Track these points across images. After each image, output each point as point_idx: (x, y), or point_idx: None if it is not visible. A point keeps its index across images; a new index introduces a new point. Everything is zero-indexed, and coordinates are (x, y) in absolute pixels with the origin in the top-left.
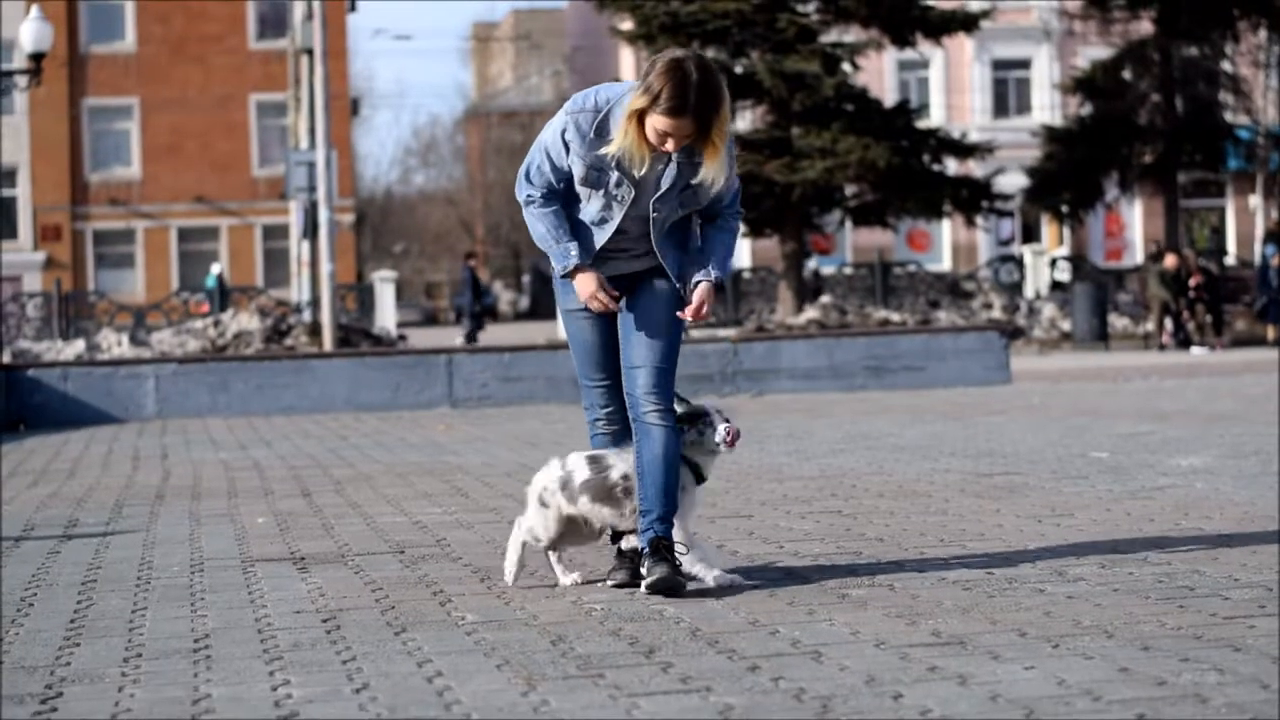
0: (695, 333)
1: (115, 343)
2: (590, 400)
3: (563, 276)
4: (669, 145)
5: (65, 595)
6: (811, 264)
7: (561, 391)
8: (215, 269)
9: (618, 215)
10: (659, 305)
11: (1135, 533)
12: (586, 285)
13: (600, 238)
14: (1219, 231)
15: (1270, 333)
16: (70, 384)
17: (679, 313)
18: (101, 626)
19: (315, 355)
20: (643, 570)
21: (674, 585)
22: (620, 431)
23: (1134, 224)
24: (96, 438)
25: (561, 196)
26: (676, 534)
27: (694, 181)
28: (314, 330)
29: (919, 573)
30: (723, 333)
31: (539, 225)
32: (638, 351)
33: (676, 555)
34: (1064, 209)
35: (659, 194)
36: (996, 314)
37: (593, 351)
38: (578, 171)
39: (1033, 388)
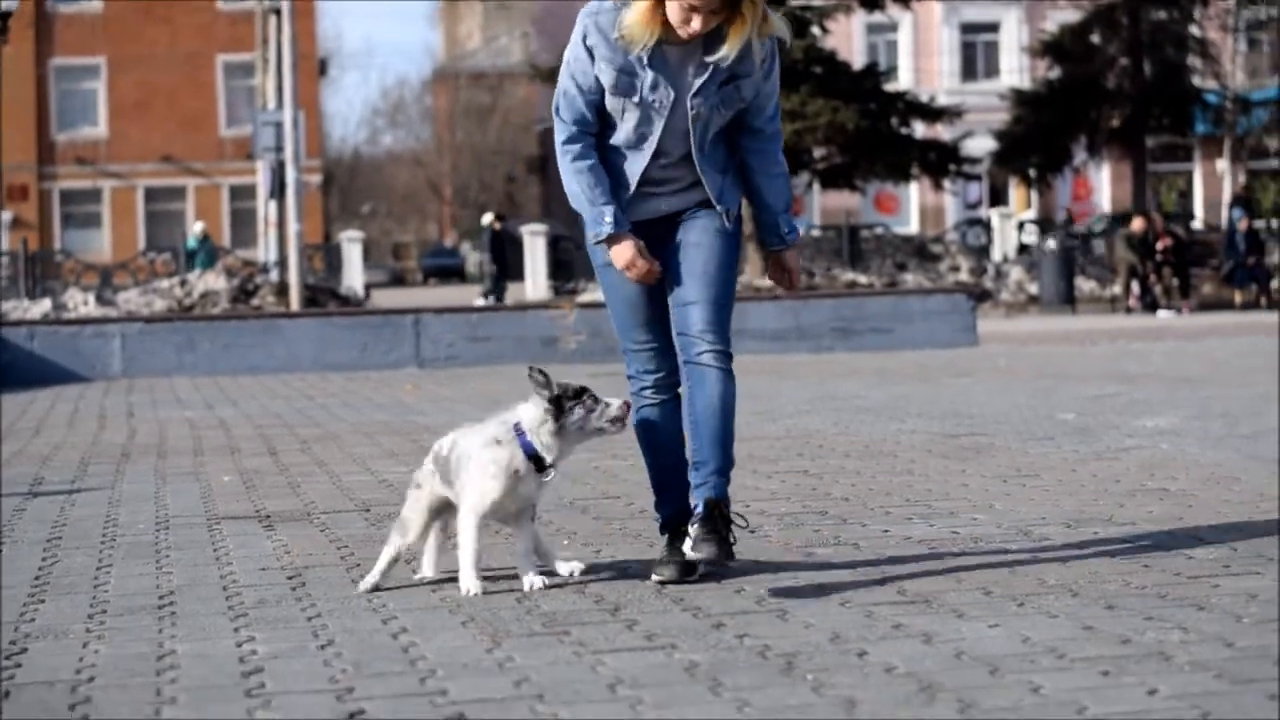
0: None
1: (81, 302)
2: (636, 366)
3: (595, 244)
4: (694, 25)
5: (30, 552)
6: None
7: (529, 352)
8: (198, 227)
9: (658, 128)
10: (708, 237)
11: (1100, 493)
12: (623, 254)
13: (639, 163)
14: (1186, 195)
15: (1237, 297)
16: (36, 343)
17: (780, 286)
18: (66, 583)
19: (282, 315)
20: (690, 532)
21: (722, 563)
22: (670, 403)
23: (1102, 188)
24: (62, 396)
25: (595, 137)
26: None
27: (736, 71)
28: (281, 290)
29: (884, 532)
30: None
31: (572, 183)
32: (689, 287)
33: (733, 523)
34: (1032, 172)
35: (696, 89)
36: (964, 277)
37: (638, 308)
38: (607, 79)
39: (999, 350)
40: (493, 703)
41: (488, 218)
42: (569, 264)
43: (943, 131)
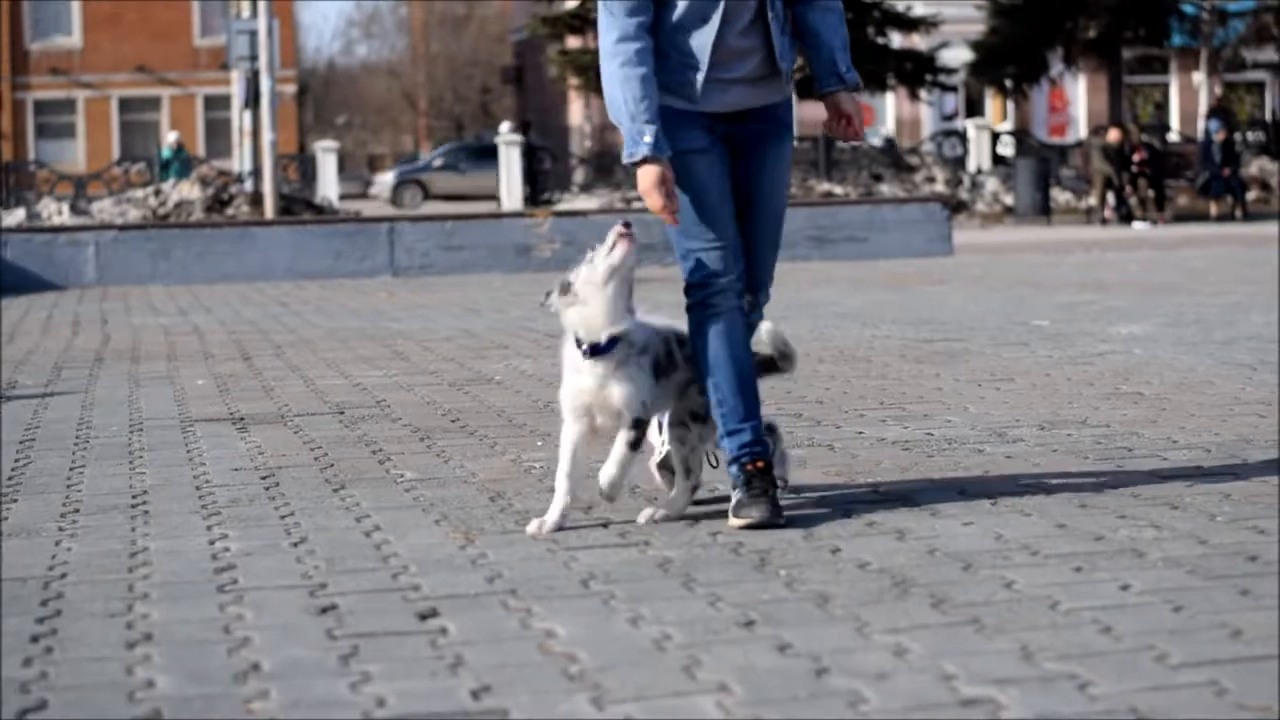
0: (641, 201)
1: (56, 211)
2: (703, 272)
3: (629, 163)
4: None
5: (3, 453)
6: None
7: (503, 261)
8: (172, 137)
9: None
10: (781, 172)
11: (1074, 396)
12: (649, 178)
13: (708, 35)
14: (1162, 108)
15: (1212, 208)
16: (10, 251)
17: (841, 136)
18: (39, 483)
19: (257, 223)
20: (732, 498)
21: (775, 523)
22: (740, 310)
23: (1078, 99)
24: (36, 304)
25: (651, 36)
26: None
27: None
28: (255, 200)
29: (859, 434)
30: None
31: (617, 92)
32: (760, 235)
33: (777, 482)
34: (1008, 83)
35: None
36: (939, 188)
37: (709, 199)
38: None
39: (974, 259)
40: (465, 598)
41: (506, 127)
42: (544, 174)
43: (919, 42)
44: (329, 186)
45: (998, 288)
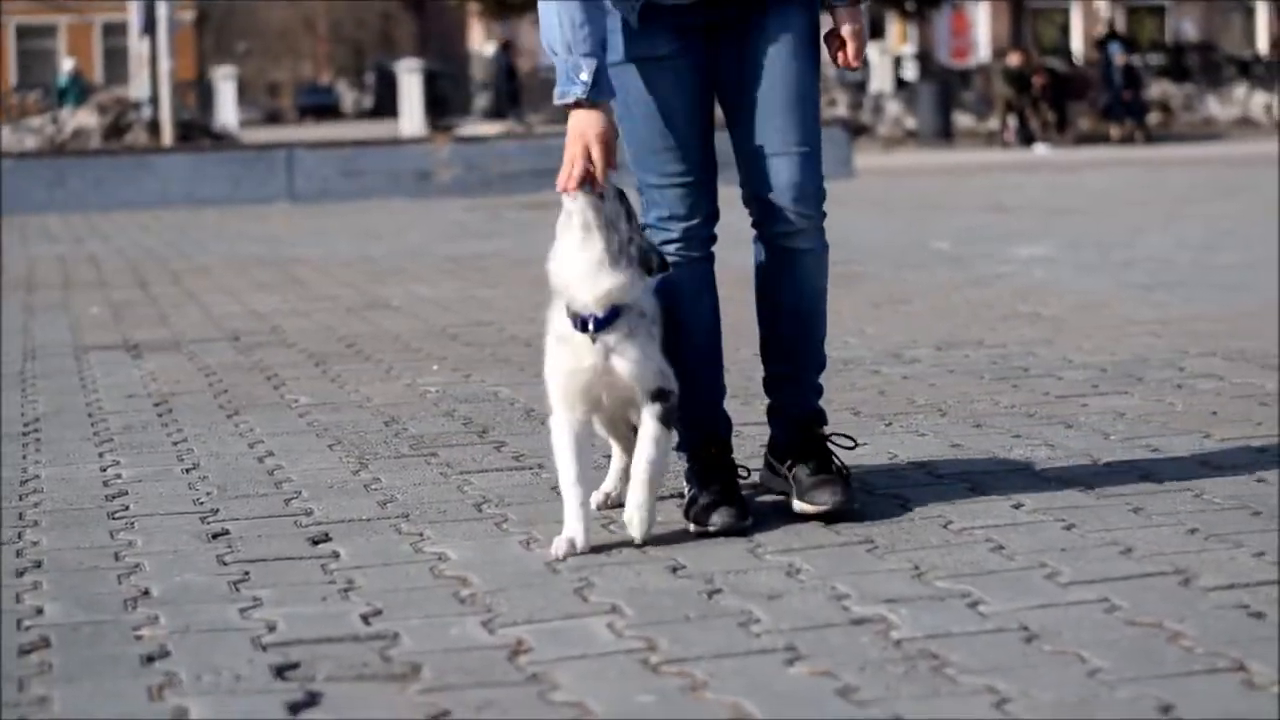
0: (543, 126)
1: None
2: (662, 210)
3: (560, 104)
4: None
5: None
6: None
7: (403, 186)
8: (68, 65)
9: None
10: (792, 51)
11: (972, 318)
12: (580, 126)
13: None
14: (1065, 31)
15: (1113, 131)
16: None
17: (839, 59)
18: None
19: (154, 150)
20: (793, 477)
21: (850, 510)
22: (705, 264)
23: (980, 23)
24: None
25: None
26: None
27: None
28: (153, 127)
29: (754, 355)
30: None
31: (554, 14)
32: (772, 131)
33: (840, 448)
34: (910, 6)
35: None
36: (841, 111)
37: (673, 125)
38: None
39: (876, 183)
40: (358, 522)
41: (491, 47)
42: (444, 100)
43: None
44: (228, 113)
45: (899, 211)
